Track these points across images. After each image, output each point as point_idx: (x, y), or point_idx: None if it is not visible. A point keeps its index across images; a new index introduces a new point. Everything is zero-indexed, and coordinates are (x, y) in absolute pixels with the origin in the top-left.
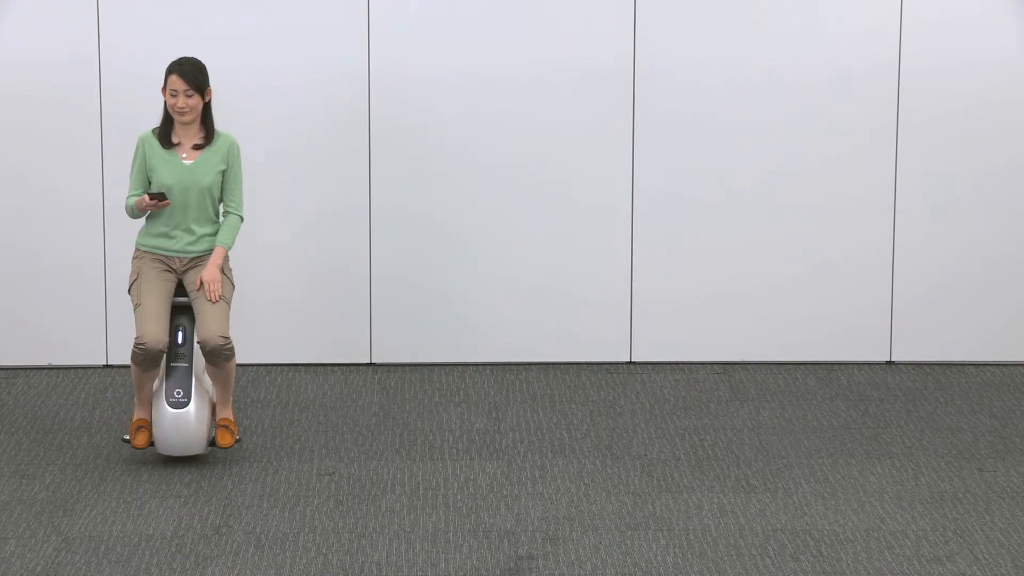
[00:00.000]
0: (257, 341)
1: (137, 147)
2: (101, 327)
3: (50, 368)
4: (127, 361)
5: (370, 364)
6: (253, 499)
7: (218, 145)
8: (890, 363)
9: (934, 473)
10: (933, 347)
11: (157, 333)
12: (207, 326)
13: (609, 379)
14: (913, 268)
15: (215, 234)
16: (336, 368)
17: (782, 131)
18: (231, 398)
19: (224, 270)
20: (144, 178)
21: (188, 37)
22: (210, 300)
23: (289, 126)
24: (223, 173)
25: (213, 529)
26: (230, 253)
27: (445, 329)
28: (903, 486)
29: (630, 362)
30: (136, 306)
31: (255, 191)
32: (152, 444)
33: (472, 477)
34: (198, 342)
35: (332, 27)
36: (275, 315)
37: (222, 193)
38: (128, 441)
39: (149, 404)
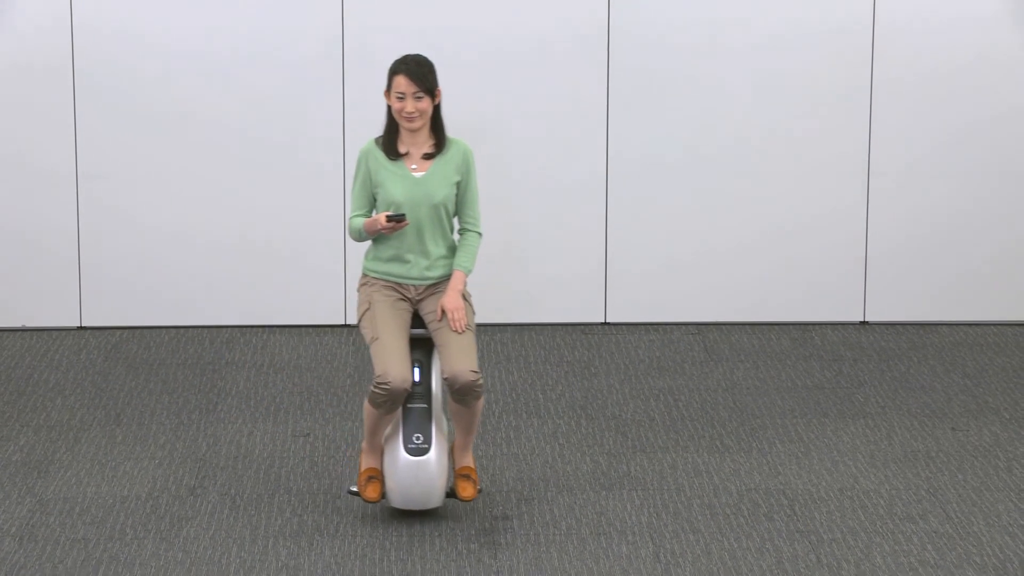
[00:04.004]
0: (231, 303)
1: (359, 161)
2: (75, 289)
3: (23, 330)
4: (101, 323)
5: (344, 325)
6: (228, 460)
7: (451, 153)
8: (864, 323)
9: (907, 432)
10: (906, 307)
11: (402, 371)
12: (456, 361)
13: (584, 340)
14: (887, 228)
15: (451, 255)
16: (310, 329)
17: (756, 91)
18: (472, 442)
19: (464, 296)
20: (368, 195)
21: None
22: (455, 331)
23: (265, 85)
24: (458, 185)
25: (188, 490)
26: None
27: None
28: (876, 445)
29: (605, 323)
30: (372, 340)
31: (234, 153)
32: (384, 496)
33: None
34: (445, 378)
35: None
36: (249, 277)
37: (457, 207)
38: (356, 493)
39: (381, 451)
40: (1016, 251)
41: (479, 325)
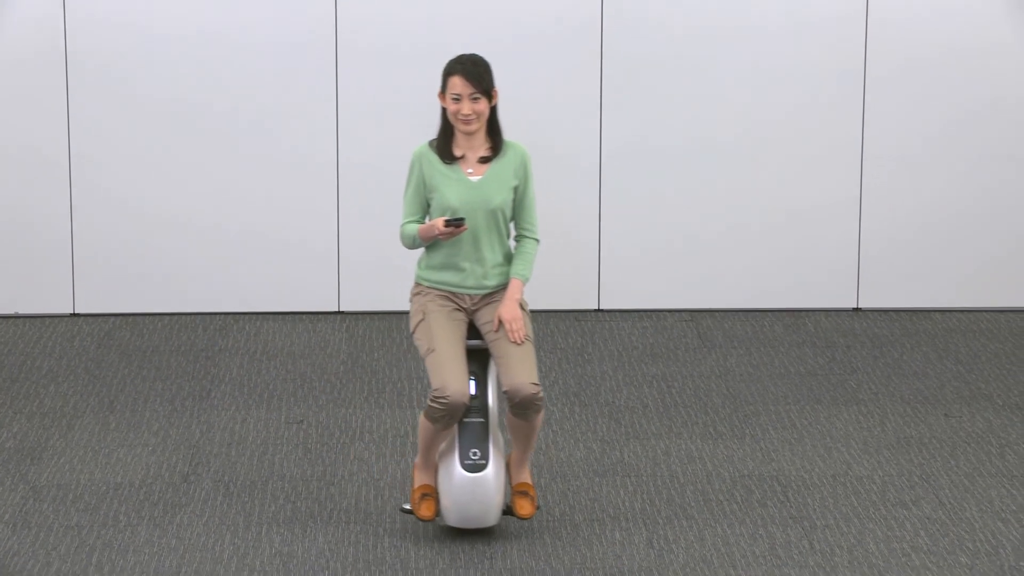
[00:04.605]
0: (224, 290)
1: (412, 164)
2: (67, 276)
3: (16, 317)
4: (94, 310)
5: (338, 312)
6: (221, 447)
7: (508, 157)
8: (857, 310)
9: (900, 419)
10: (900, 294)
11: (460, 385)
12: (516, 373)
13: (577, 326)
14: (880, 216)
15: (507, 263)
16: (304, 316)
17: (749, 79)
18: (530, 458)
19: (521, 305)
20: (421, 200)
21: None
22: (514, 342)
23: (258, 71)
24: (515, 190)
25: (181, 477)
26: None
27: (413, 277)
28: (869, 432)
29: (598, 310)
30: (428, 352)
31: (227, 139)
32: (438, 514)
33: None
34: (504, 391)
35: None
36: (242, 264)
37: (514, 212)
38: (410, 511)
39: (436, 468)
40: (1010, 238)
41: None
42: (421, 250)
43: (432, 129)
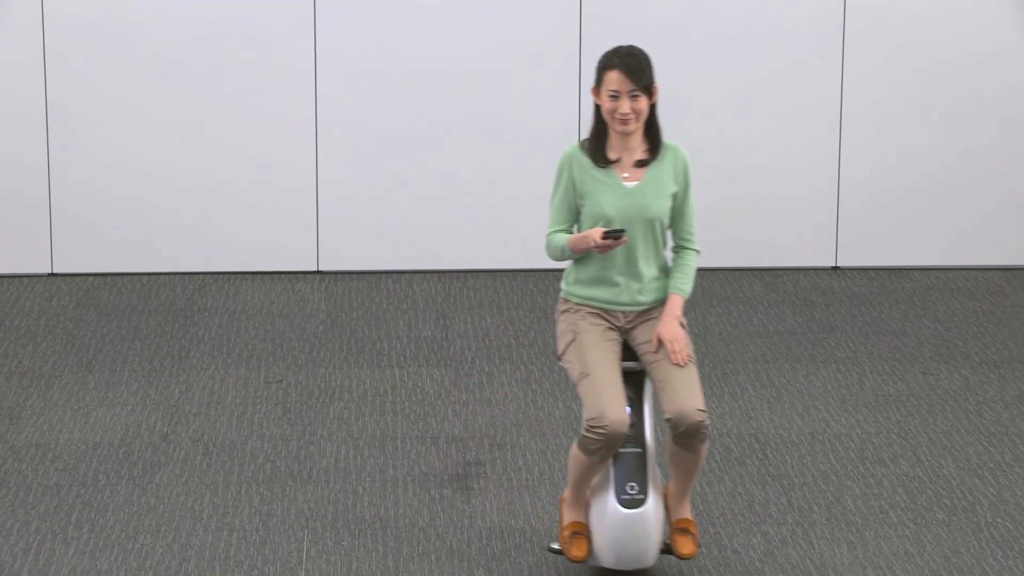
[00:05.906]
0: (203, 249)
1: (561, 167)
2: (46, 235)
3: None
4: (72, 269)
5: (317, 272)
6: (201, 407)
7: (667, 160)
8: (836, 268)
9: (878, 377)
10: (878, 253)
11: (619, 412)
12: (680, 398)
13: (555, 285)
14: (859, 174)
15: (664, 277)
16: (283, 276)
17: (728, 38)
18: (691, 491)
19: (681, 323)
20: (571, 206)
21: None
22: (677, 364)
23: (237, 31)
24: (674, 197)
25: (161, 437)
26: None
27: (392, 237)
28: (848, 390)
29: None
30: (582, 376)
31: (206, 98)
32: (591, 555)
33: (420, 384)
34: (668, 419)
35: None
36: (221, 223)
37: (672, 221)
38: (559, 551)
39: (587, 504)
40: (988, 197)
41: (449, 272)
42: (568, 262)
43: (407, 95)
